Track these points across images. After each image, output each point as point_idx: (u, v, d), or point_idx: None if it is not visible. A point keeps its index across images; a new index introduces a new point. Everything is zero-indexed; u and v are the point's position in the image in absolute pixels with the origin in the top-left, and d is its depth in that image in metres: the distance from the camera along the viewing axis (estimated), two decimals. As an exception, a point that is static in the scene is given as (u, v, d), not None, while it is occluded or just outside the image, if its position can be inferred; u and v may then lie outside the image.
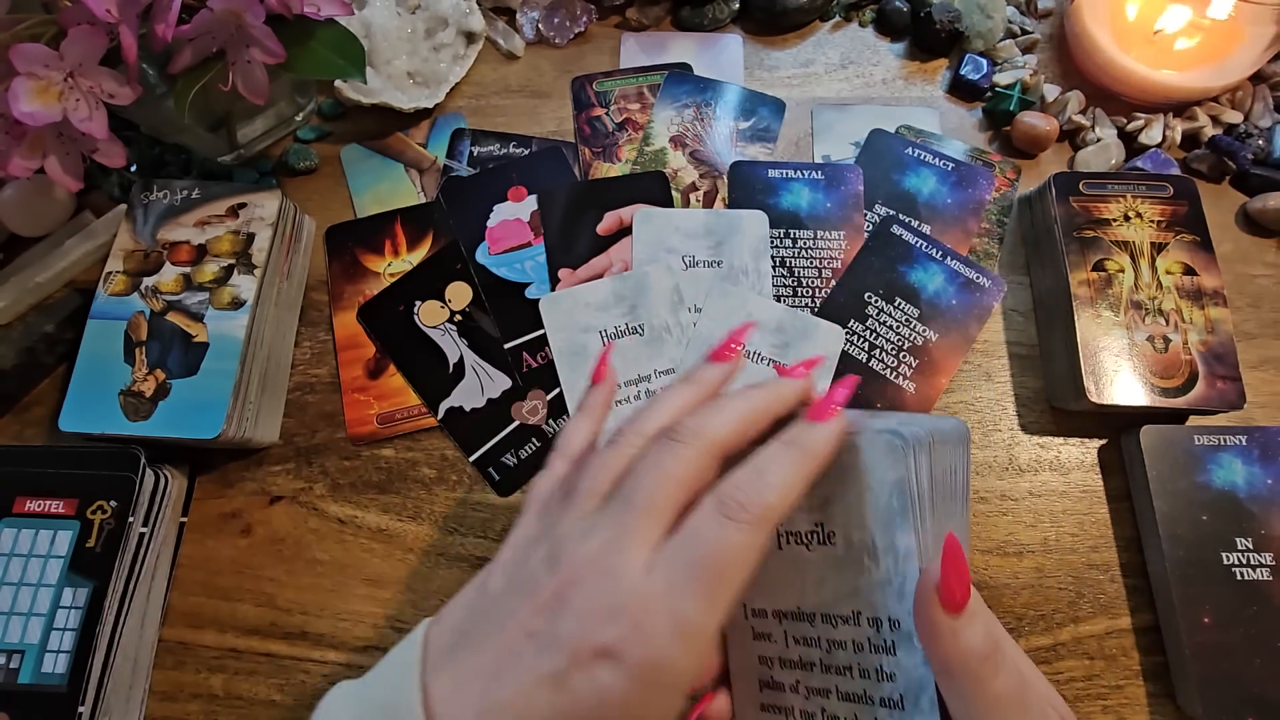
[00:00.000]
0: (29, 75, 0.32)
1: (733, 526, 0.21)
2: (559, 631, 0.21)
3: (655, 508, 0.22)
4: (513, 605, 0.22)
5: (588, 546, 0.22)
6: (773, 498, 0.22)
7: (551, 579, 0.22)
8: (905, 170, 0.45)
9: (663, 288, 0.42)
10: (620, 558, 0.21)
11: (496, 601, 0.23)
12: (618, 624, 0.20)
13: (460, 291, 0.43)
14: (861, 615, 0.24)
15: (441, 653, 0.22)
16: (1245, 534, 0.35)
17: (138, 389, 0.37)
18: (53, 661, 0.33)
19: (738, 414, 0.24)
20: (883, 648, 0.24)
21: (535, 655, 0.21)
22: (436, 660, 0.22)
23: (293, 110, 0.46)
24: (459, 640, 0.22)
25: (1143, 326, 0.38)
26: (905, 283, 0.42)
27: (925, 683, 0.23)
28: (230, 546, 0.38)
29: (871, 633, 0.24)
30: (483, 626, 0.22)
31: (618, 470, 0.24)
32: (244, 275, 0.39)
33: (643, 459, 0.23)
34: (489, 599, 0.23)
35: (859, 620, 0.24)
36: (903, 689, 0.23)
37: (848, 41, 0.50)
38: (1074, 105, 0.47)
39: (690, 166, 0.46)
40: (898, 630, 0.23)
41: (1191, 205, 0.41)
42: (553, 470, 0.27)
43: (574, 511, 0.23)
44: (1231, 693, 0.33)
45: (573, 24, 0.50)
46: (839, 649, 0.25)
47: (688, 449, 0.23)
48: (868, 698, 0.24)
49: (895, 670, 0.23)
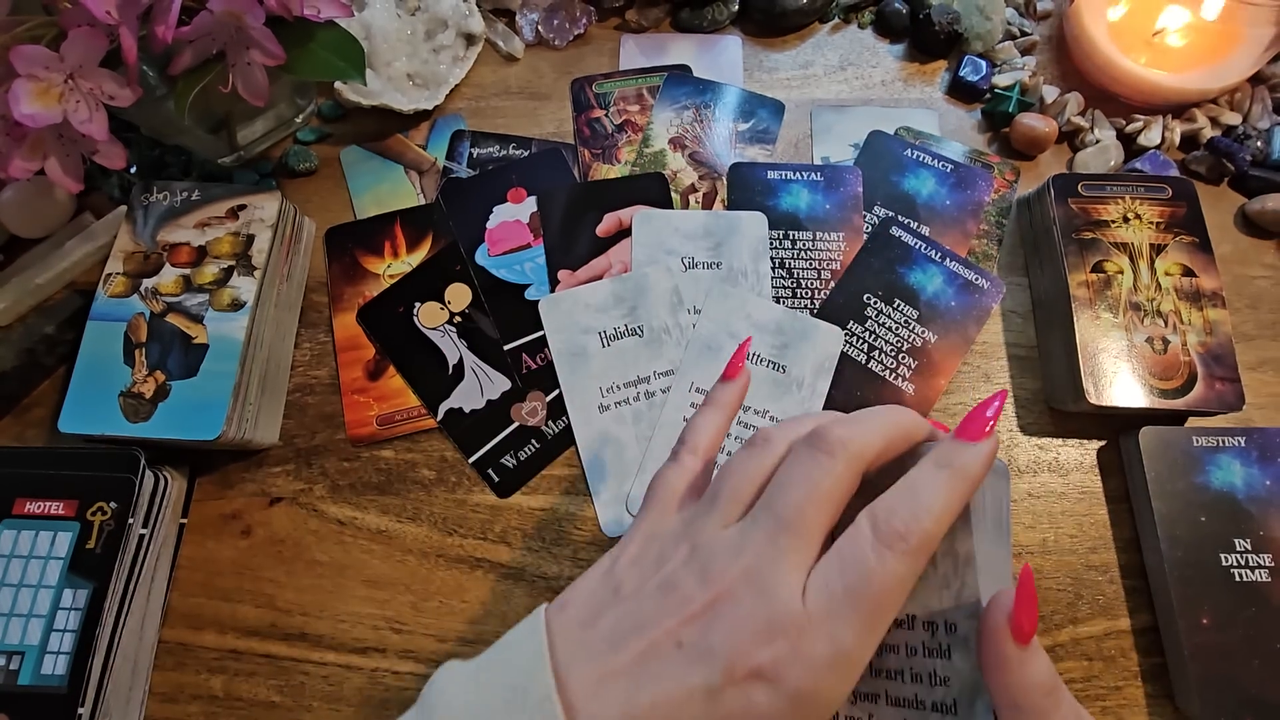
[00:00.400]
0: (29, 77, 0.32)
1: (891, 556, 0.20)
2: (713, 646, 0.20)
3: (807, 526, 0.22)
4: (657, 610, 0.22)
5: (742, 562, 0.21)
6: (930, 525, 0.21)
7: (702, 590, 0.21)
8: (904, 172, 0.45)
9: (662, 289, 0.42)
10: (776, 578, 0.21)
11: (637, 603, 0.22)
12: (774, 646, 0.20)
13: (460, 293, 0.43)
14: (916, 619, 0.24)
15: (574, 644, 0.22)
16: (1244, 535, 0.35)
17: (138, 390, 0.37)
18: (52, 663, 0.33)
19: (883, 430, 0.23)
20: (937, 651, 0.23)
21: (687, 666, 0.20)
22: (569, 651, 0.22)
23: (293, 112, 0.46)
24: (593, 635, 0.22)
25: (1141, 328, 0.38)
26: (904, 284, 0.42)
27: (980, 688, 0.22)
28: (230, 548, 0.38)
29: (926, 636, 0.24)
30: (622, 626, 0.22)
31: (761, 476, 0.24)
32: (244, 277, 0.39)
33: (790, 469, 0.23)
34: (626, 598, 0.23)
35: (913, 624, 0.24)
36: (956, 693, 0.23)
37: (847, 43, 0.51)
38: (1073, 107, 0.47)
39: (689, 168, 0.46)
40: (953, 634, 0.23)
41: (1190, 207, 0.41)
42: (682, 464, 0.27)
43: (717, 518, 0.23)
44: (1230, 694, 0.33)
45: (572, 26, 0.50)
46: (890, 653, 0.24)
47: (836, 463, 0.22)
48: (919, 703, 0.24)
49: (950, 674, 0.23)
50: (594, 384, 0.40)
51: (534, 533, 0.38)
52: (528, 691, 0.21)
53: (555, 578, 0.38)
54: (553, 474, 0.39)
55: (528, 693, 0.21)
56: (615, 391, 0.40)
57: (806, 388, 0.39)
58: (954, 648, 0.23)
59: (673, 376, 0.40)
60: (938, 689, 0.23)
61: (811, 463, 0.22)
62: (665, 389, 0.40)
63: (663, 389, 0.40)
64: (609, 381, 0.40)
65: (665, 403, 0.40)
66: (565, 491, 0.39)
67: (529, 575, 0.38)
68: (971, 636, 0.22)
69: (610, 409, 0.40)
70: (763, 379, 0.40)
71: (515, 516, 0.39)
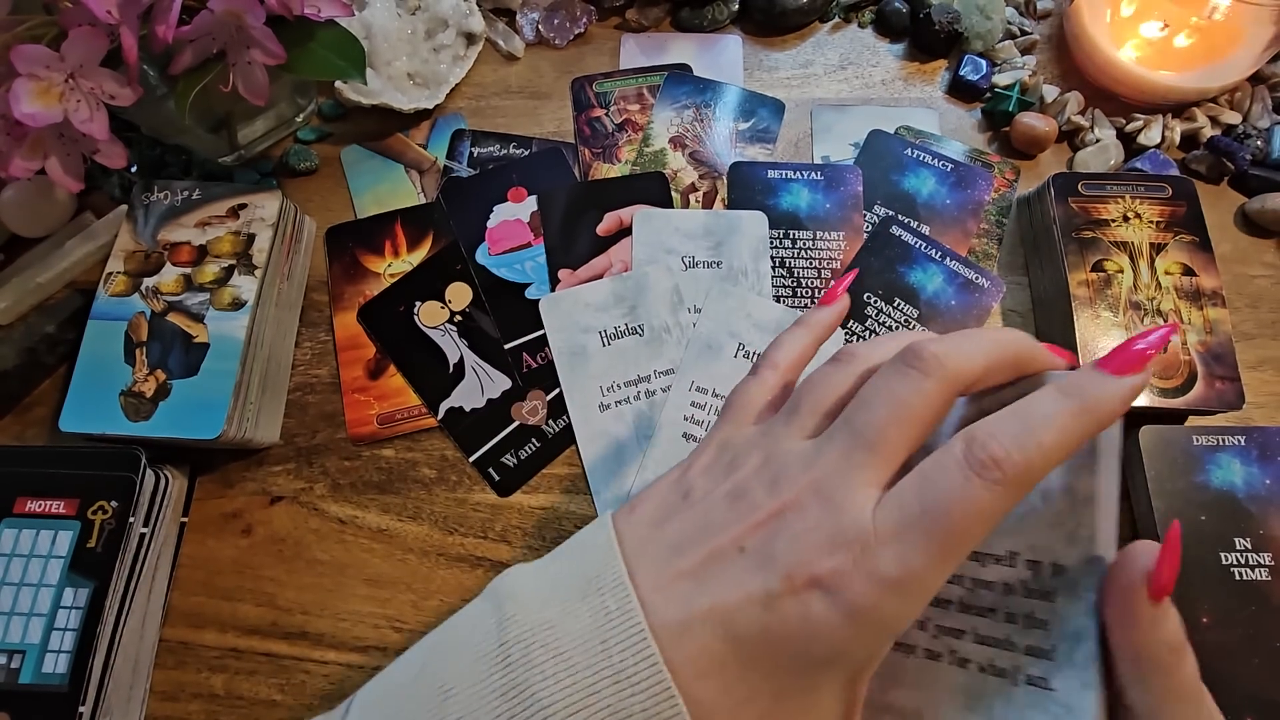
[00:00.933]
0: (30, 76, 0.32)
1: (979, 484, 0.18)
2: (774, 553, 0.20)
3: (887, 444, 0.20)
4: (725, 516, 0.21)
5: (812, 474, 0.21)
6: (1035, 458, 0.19)
7: (770, 499, 0.21)
8: (904, 171, 0.45)
9: (662, 288, 0.42)
10: (847, 492, 0.20)
11: (706, 508, 0.22)
12: (837, 558, 0.19)
13: (460, 292, 0.43)
14: (1018, 556, 0.22)
15: (642, 544, 0.22)
16: (1244, 534, 0.35)
17: (138, 389, 0.37)
18: (53, 661, 0.33)
19: (986, 351, 0.21)
20: (1038, 592, 0.22)
21: (747, 571, 0.20)
22: (636, 548, 0.22)
23: (293, 111, 0.46)
24: (660, 536, 0.22)
25: (1142, 327, 0.38)
26: (904, 283, 0.42)
27: (1083, 634, 0.21)
28: (231, 546, 0.38)
29: (1029, 575, 0.22)
30: (689, 530, 0.22)
31: (844, 390, 0.23)
32: (244, 276, 0.39)
33: (876, 384, 0.21)
34: (693, 503, 0.22)
35: (1014, 561, 0.22)
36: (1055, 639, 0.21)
37: (847, 42, 0.51)
38: (1073, 106, 0.47)
39: (690, 167, 0.46)
40: (1061, 576, 0.21)
41: (1190, 206, 0.41)
42: (762, 379, 0.26)
43: (795, 430, 0.22)
44: (1230, 693, 0.33)
45: (572, 25, 0.50)
46: (983, 589, 0.23)
47: (926, 381, 0.20)
48: (1010, 643, 0.22)
49: (1049, 617, 0.21)
50: (594, 383, 0.40)
51: (534, 532, 0.38)
52: (600, 578, 0.21)
53: (556, 576, 0.38)
54: (553, 473, 0.39)
55: (601, 578, 0.21)
56: (615, 390, 0.40)
57: (807, 387, 0.39)
58: (1059, 591, 0.21)
59: (673, 376, 0.40)
60: (1034, 631, 0.22)
61: (899, 378, 0.21)
62: (665, 388, 0.40)
63: (663, 388, 0.40)
64: (609, 380, 0.40)
65: (665, 402, 0.40)
66: (566, 490, 0.39)
67: (529, 574, 0.38)
68: (1082, 581, 0.21)
69: (611, 408, 0.40)
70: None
71: (516, 515, 0.39)
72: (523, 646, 0.20)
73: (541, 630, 0.21)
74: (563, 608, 0.21)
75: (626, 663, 0.20)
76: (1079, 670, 0.21)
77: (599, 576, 0.21)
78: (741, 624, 0.20)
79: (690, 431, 0.39)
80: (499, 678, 0.20)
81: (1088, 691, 0.21)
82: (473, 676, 0.20)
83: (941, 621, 0.23)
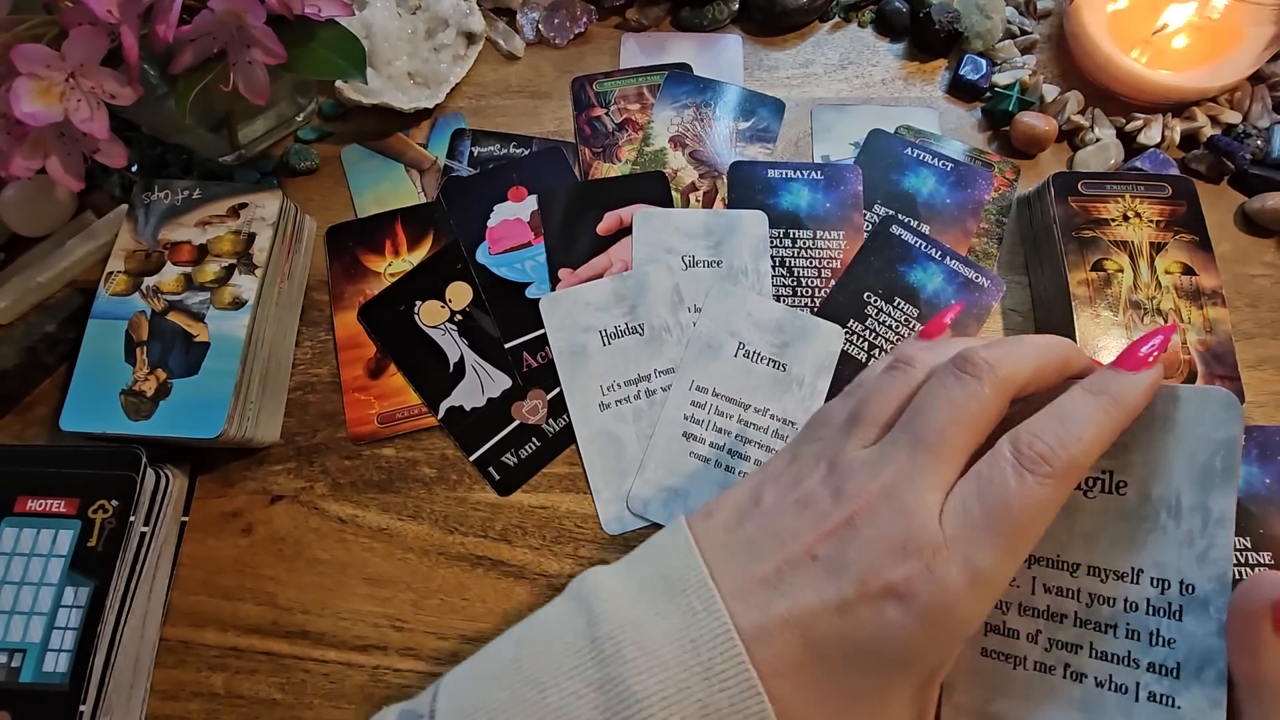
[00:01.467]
0: (30, 76, 0.32)
1: (1032, 480, 0.20)
2: (848, 560, 0.21)
3: (948, 447, 0.21)
4: (795, 524, 0.22)
5: (879, 480, 0.22)
6: (1078, 451, 0.20)
7: (839, 507, 0.22)
8: (904, 170, 0.45)
9: (662, 288, 0.42)
10: (913, 496, 0.21)
11: (777, 516, 0.23)
12: (909, 564, 0.20)
13: (460, 291, 0.43)
14: (1143, 574, 0.23)
15: (719, 547, 0.23)
16: (1243, 533, 0.35)
17: (139, 389, 0.37)
18: (54, 660, 0.33)
19: (1035, 356, 0.23)
20: (1165, 611, 0.22)
21: (822, 578, 0.21)
22: (714, 552, 0.23)
23: (293, 111, 0.46)
24: (735, 541, 0.23)
25: (1142, 326, 0.38)
26: (904, 283, 0.42)
27: (1214, 655, 0.21)
28: (231, 546, 0.38)
29: (1154, 594, 0.23)
30: (762, 536, 0.23)
31: (902, 399, 0.24)
32: (245, 275, 0.39)
33: (933, 390, 0.23)
34: (765, 511, 0.23)
35: (1138, 578, 0.23)
36: (1182, 656, 0.22)
37: (847, 42, 0.51)
38: (1073, 105, 0.47)
39: (690, 167, 0.46)
40: (1189, 595, 0.22)
41: (1190, 205, 0.41)
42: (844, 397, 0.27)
43: (857, 438, 0.23)
44: (1230, 692, 0.33)
45: (573, 25, 0.50)
46: (1102, 604, 0.23)
47: (983, 386, 0.22)
48: (1132, 660, 0.22)
49: (1176, 636, 0.22)
50: (594, 382, 0.40)
51: (535, 531, 0.38)
52: (683, 578, 0.22)
53: (556, 575, 0.38)
54: (553, 472, 0.40)
55: (684, 579, 0.22)
56: (616, 390, 0.40)
57: (807, 386, 0.39)
58: (1188, 610, 0.22)
59: (673, 375, 0.40)
60: (1158, 649, 0.22)
61: (956, 385, 0.22)
62: (666, 387, 0.40)
63: (663, 387, 0.40)
64: (609, 380, 0.40)
65: (666, 401, 0.40)
66: (566, 489, 0.39)
67: (530, 573, 0.38)
68: (1214, 602, 0.21)
69: (611, 407, 0.40)
70: (763, 377, 0.40)
71: (516, 514, 0.39)
72: (614, 643, 0.21)
73: (631, 628, 0.21)
74: (649, 607, 0.22)
75: (715, 660, 0.21)
76: (1208, 690, 0.21)
77: (683, 578, 0.22)
78: (818, 630, 0.21)
79: (690, 431, 0.39)
80: (593, 672, 0.21)
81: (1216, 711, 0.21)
82: (567, 670, 0.21)
83: (1056, 635, 0.24)
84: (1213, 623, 0.21)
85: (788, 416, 0.39)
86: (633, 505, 0.38)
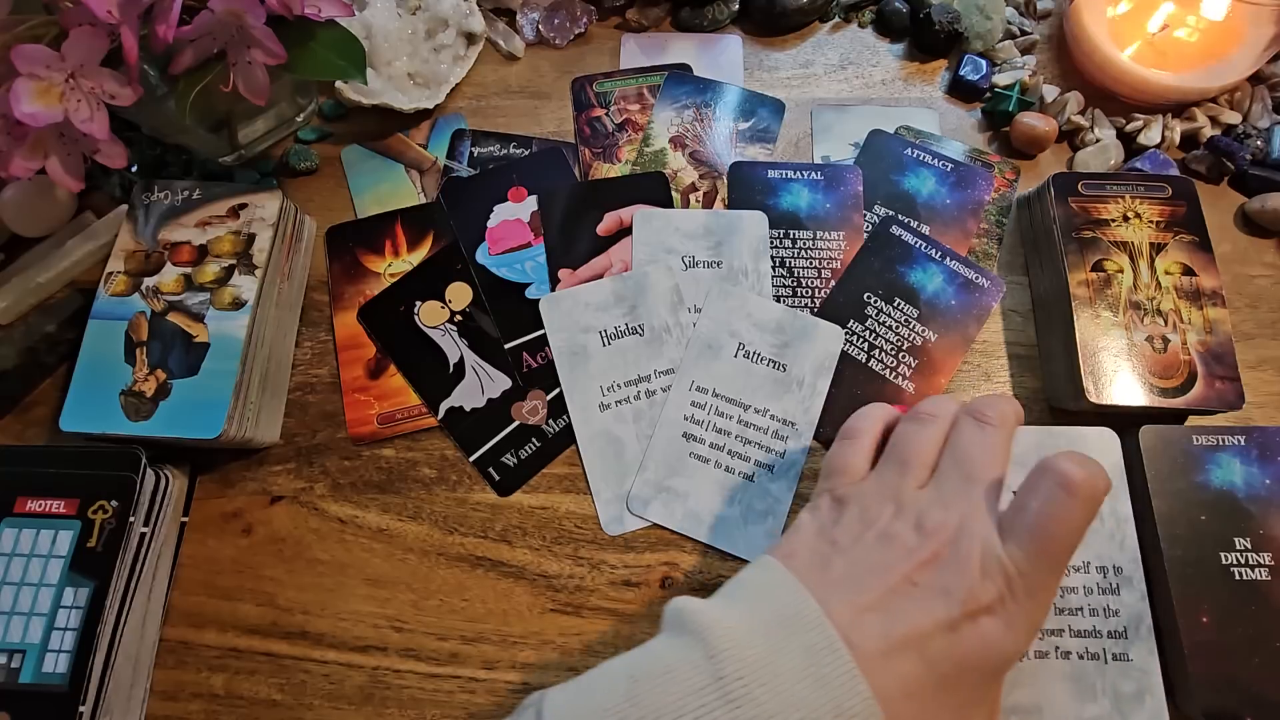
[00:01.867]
0: (30, 76, 0.32)
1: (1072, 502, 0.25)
2: (947, 584, 0.25)
3: (994, 485, 0.27)
4: (884, 557, 0.26)
5: (950, 515, 0.26)
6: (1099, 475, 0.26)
7: (925, 541, 0.26)
8: (904, 171, 0.45)
9: (663, 288, 0.42)
10: (983, 526, 0.26)
11: (861, 552, 0.26)
12: (995, 583, 0.24)
13: (460, 292, 0.43)
14: (1090, 564, 0.31)
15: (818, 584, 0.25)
16: (1244, 534, 0.35)
17: (139, 389, 0.37)
18: (54, 661, 0.33)
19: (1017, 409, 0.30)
20: (1108, 589, 0.31)
21: (929, 602, 0.24)
22: (817, 590, 0.25)
23: (293, 111, 0.46)
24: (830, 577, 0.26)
25: (1141, 327, 0.38)
26: (904, 283, 0.42)
27: (1144, 614, 0.30)
28: (231, 546, 0.38)
29: (1099, 578, 0.31)
30: (856, 571, 0.26)
31: (937, 445, 0.29)
32: (245, 275, 0.39)
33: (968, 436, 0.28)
34: (844, 549, 0.27)
35: (1088, 568, 0.31)
36: (1125, 621, 0.31)
37: (847, 42, 0.51)
38: (1073, 106, 0.47)
39: (690, 167, 0.46)
40: (1120, 574, 0.31)
41: (1190, 206, 0.41)
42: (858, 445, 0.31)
43: (911, 480, 0.28)
44: (1230, 692, 0.33)
45: (573, 25, 0.50)
46: (1070, 592, 0.31)
47: (1002, 433, 0.28)
48: (1096, 632, 0.30)
49: (1120, 606, 0.31)
50: (594, 383, 0.40)
51: (534, 531, 0.38)
52: (800, 617, 0.24)
53: (556, 576, 0.38)
54: (553, 472, 0.40)
55: (799, 616, 0.24)
56: (616, 390, 0.40)
57: (807, 386, 0.39)
58: (1122, 586, 0.31)
59: (673, 375, 0.40)
60: (1111, 619, 0.30)
61: (981, 432, 0.28)
62: (666, 388, 0.40)
63: (663, 388, 0.40)
64: (609, 380, 0.40)
65: (666, 401, 0.40)
66: (566, 490, 0.39)
67: (529, 574, 0.38)
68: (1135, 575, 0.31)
69: (611, 407, 0.40)
70: (763, 378, 0.40)
71: (516, 515, 0.39)
72: (743, 684, 0.22)
73: (759, 668, 0.23)
74: (768, 644, 0.23)
75: (843, 696, 0.22)
76: (1145, 641, 0.30)
77: (797, 615, 0.24)
78: (932, 648, 0.24)
79: (690, 431, 0.39)
80: (723, 713, 0.22)
81: (1153, 657, 0.30)
82: (693, 710, 0.22)
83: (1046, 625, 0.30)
84: (1136, 591, 0.32)
85: (788, 417, 0.39)
86: (633, 506, 0.38)
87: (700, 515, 0.38)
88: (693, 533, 0.38)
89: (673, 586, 0.37)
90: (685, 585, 0.37)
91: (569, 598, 0.37)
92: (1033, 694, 0.30)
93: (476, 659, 0.36)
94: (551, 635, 0.36)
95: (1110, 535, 0.32)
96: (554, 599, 0.37)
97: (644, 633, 0.36)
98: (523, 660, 0.36)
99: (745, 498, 0.38)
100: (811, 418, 0.39)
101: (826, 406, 0.39)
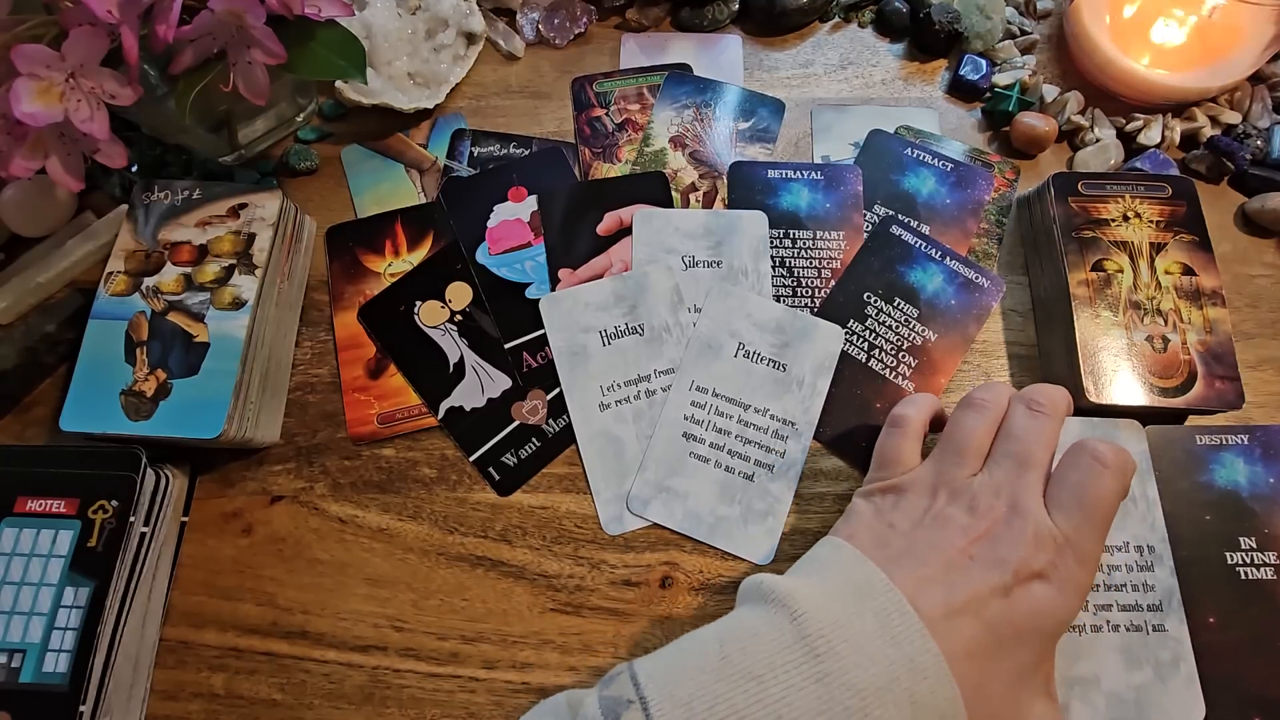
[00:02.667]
0: (30, 76, 0.32)
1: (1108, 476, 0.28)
2: (1001, 556, 0.27)
3: (1042, 466, 0.30)
4: (944, 536, 0.28)
5: (1004, 497, 0.29)
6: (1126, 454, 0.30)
7: (978, 520, 0.28)
8: (904, 171, 0.45)
9: (663, 288, 0.42)
10: (1032, 504, 0.28)
11: (919, 532, 0.29)
12: (1045, 552, 0.27)
13: (460, 291, 0.43)
14: (1130, 544, 0.34)
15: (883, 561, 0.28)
16: (1249, 533, 0.35)
17: (139, 389, 0.37)
18: (54, 661, 0.33)
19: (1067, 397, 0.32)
20: (1144, 566, 0.34)
21: (984, 571, 0.27)
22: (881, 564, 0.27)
23: (293, 111, 0.46)
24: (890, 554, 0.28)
25: (1141, 326, 0.38)
26: (904, 283, 0.42)
27: (1174, 588, 0.33)
28: (231, 546, 0.38)
29: (1137, 556, 0.34)
30: (916, 548, 0.28)
31: (989, 434, 0.31)
32: (245, 275, 0.39)
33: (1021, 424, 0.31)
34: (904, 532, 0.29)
35: (1127, 548, 0.34)
36: (1159, 595, 0.33)
37: (847, 42, 0.51)
38: (1073, 106, 0.47)
39: (690, 167, 0.46)
40: (1153, 552, 0.34)
41: (1190, 205, 0.41)
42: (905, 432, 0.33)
43: (966, 467, 0.30)
44: (1235, 692, 0.33)
45: (573, 25, 0.50)
46: (1115, 570, 0.34)
47: (1054, 420, 0.31)
48: (1138, 606, 0.33)
49: (1155, 582, 0.34)
50: (594, 382, 0.40)
51: (535, 531, 0.38)
52: (869, 584, 0.27)
53: (556, 575, 0.37)
54: (553, 472, 0.39)
55: (869, 584, 0.27)
56: (616, 390, 0.40)
57: (807, 386, 0.39)
58: (1155, 563, 0.34)
59: (673, 375, 0.40)
60: (1150, 593, 0.34)
61: (1032, 419, 0.31)
62: (666, 387, 0.40)
63: (663, 387, 0.40)
64: (609, 380, 0.40)
65: (666, 401, 0.40)
66: (566, 490, 0.39)
67: (530, 573, 0.38)
68: (1164, 553, 0.34)
69: (611, 407, 0.40)
70: (763, 377, 0.40)
71: (516, 515, 0.39)
72: (826, 641, 0.25)
73: (840, 627, 0.25)
74: (844, 608, 0.26)
75: (915, 652, 0.25)
76: (1177, 612, 0.33)
77: (867, 583, 0.27)
78: (990, 612, 0.26)
79: (690, 431, 0.39)
80: (809, 667, 0.24)
81: (1183, 626, 0.33)
82: (782, 665, 0.24)
83: (1095, 600, 0.33)
84: (1167, 567, 0.34)
85: (788, 417, 0.39)
86: (633, 505, 0.38)
87: (700, 515, 0.38)
88: (693, 532, 0.38)
89: (672, 586, 0.37)
90: (685, 585, 0.37)
91: (569, 597, 0.37)
92: (1091, 665, 0.32)
93: (476, 659, 0.36)
94: (551, 635, 0.36)
95: (1143, 517, 0.34)
96: (554, 599, 0.37)
97: (645, 632, 0.36)
98: (523, 660, 0.36)
99: (745, 497, 0.38)
100: (811, 417, 0.39)
101: (826, 406, 0.39)
